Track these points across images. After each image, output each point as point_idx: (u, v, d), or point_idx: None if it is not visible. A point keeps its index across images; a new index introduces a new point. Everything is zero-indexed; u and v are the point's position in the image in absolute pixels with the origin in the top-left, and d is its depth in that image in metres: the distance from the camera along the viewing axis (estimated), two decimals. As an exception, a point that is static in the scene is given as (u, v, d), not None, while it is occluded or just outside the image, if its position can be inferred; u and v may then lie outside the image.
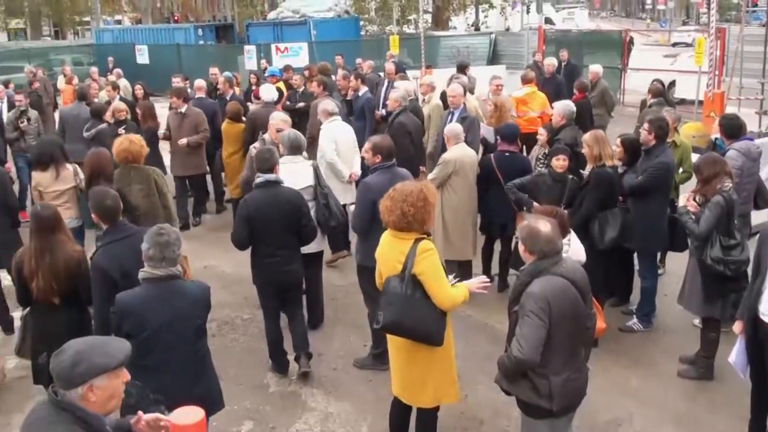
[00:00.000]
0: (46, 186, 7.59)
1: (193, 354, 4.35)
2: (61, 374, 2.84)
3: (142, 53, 28.59)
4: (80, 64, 28.08)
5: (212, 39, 32.11)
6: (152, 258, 4.21)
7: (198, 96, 11.35)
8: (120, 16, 58.05)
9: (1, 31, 51.72)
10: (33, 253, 5.20)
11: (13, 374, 6.95)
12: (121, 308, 4.25)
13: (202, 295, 4.39)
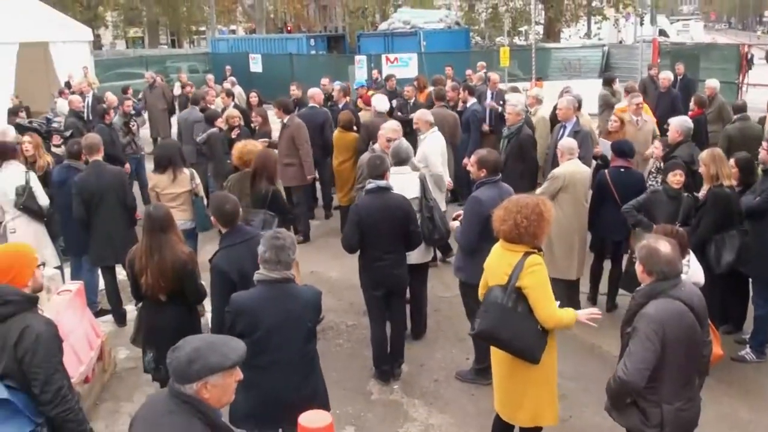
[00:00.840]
0: (163, 188, 7.88)
1: (303, 356, 4.45)
2: (177, 369, 2.94)
3: (256, 62, 29.38)
4: (195, 72, 29.09)
5: (323, 49, 32.69)
6: (268, 261, 4.33)
7: (312, 105, 11.50)
8: (234, 26, 59.89)
9: (121, 39, 54.19)
10: (143, 251, 5.39)
11: (123, 365, 7.26)
12: (235, 308, 4.39)
13: (313, 299, 4.49)
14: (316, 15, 57.56)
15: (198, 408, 2.93)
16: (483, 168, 6.28)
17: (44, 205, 7.97)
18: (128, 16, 49.77)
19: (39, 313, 3.96)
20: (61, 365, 3.86)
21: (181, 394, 2.94)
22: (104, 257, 7.83)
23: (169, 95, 17.74)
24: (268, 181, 7.21)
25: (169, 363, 2.96)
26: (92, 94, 15.57)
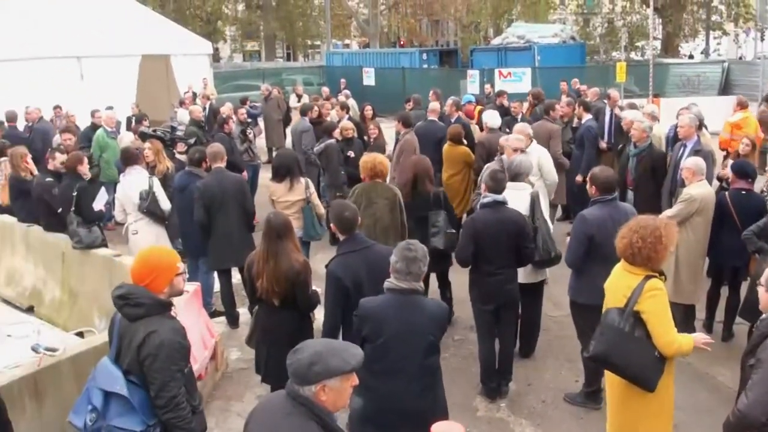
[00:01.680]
0: (279, 196, 8.09)
1: (423, 367, 4.47)
2: (298, 371, 2.99)
3: (369, 75, 29.79)
4: (310, 84, 29.74)
5: (436, 63, 32.81)
6: (399, 271, 4.41)
7: (430, 119, 11.55)
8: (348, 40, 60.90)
9: (238, 53, 55.97)
10: (261, 256, 5.52)
11: (234, 365, 7.47)
12: (362, 312, 4.52)
13: (439, 314, 4.55)
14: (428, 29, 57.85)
15: (314, 410, 2.99)
16: (593, 185, 6.14)
17: (165, 209, 8.31)
18: (246, 31, 51.36)
19: (171, 318, 4.07)
20: (180, 374, 3.95)
21: (299, 396, 3.00)
22: (222, 260, 8.09)
23: (284, 106, 18.22)
24: (430, 183, 7.67)
25: (290, 364, 3.02)
26: (210, 105, 16.17)
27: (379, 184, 7.53)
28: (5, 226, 9.71)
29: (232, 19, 49.05)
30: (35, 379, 5.50)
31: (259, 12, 47.18)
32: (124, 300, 3.99)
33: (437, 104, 12.16)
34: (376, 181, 7.52)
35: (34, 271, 9.18)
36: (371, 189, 7.50)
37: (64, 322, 8.30)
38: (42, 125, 13.41)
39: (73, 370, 5.75)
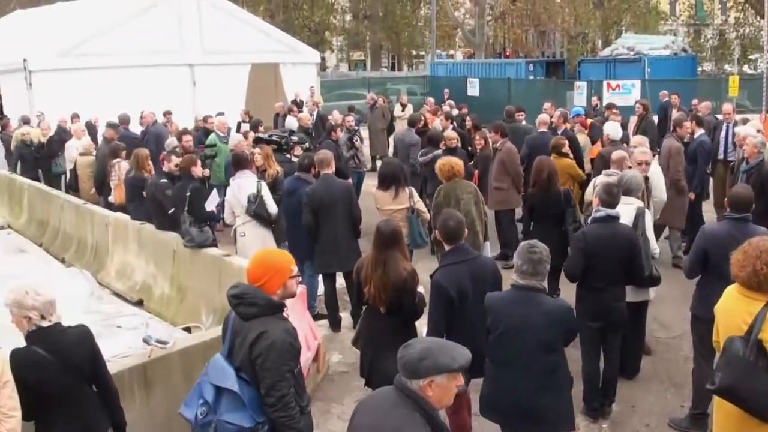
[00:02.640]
0: (383, 204, 8.15)
1: (541, 364, 4.61)
2: (408, 364, 3.08)
3: (473, 86, 29.69)
4: (414, 94, 29.89)
5: (542, 74, 32.43)
6: (525, 272, 4.67)
7: (540, 130, 11.41)
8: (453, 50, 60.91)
9: (344, 62, 56.83)
10: (370, 262, 5.56)
11: (336, 368, 7.55)
12: (487, 303, 4.86)
13: (558, 313, 4.69)
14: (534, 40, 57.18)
15: (420, 404, 3.06)
16: (729, 203, 5.95)
17: (272, 213, 8.50)
18: (353, 41, 52.17)
19: (283, 319, 4.13)
20: (290, 374, 4.00)
21: (406, 388, 3.09)
22: (328, 265, 8.21)
23: (388, 116, 18.37)
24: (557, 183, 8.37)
25: (401, 357, 3.11)
26: (317, 113, 16.48)
27: (459, 181, 8.22)
28: (119, 224, 10.16)
29: (339, 30, 49.92)
30: (145, 369, 5.72)
31: (366, 22, 47.84)
32: (239, 299, 4.08)
33: (546, 116, 12.00)
34: (455, 180, 8.17)
35: (145, 267, 9.57)
36: (455, 186, 8.18)
37: (171, 316, 8.61)
38: (156, 129, 13.98)
39: (182, 364, 5.95)
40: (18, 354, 4.16)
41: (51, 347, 4.17)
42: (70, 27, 20.16)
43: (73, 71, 17.39)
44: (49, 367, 4.15)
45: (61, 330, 4.30)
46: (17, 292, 4.17)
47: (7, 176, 14.99)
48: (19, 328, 4.25)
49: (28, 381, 4.09)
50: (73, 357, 4.27)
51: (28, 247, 12.12)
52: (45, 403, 4.21)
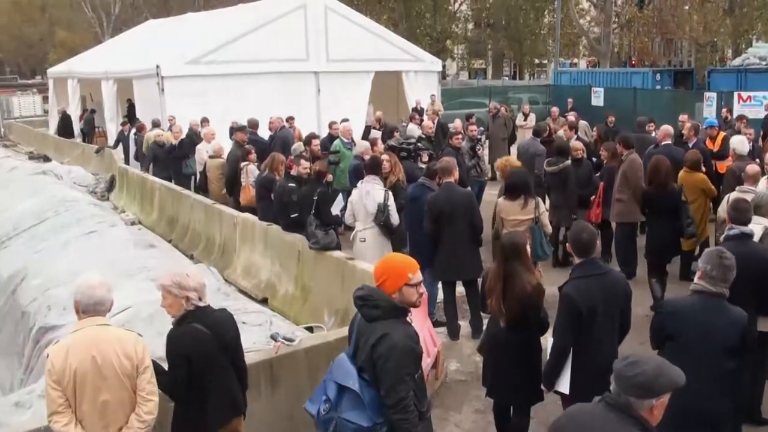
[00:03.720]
0: (508, 213, 8.10)
1: (722, 370, 4.58)
2: (645, 383, 3.04)
3: (598, 95, 28.98)
4: (536, 103, 29.46)
5: (669, 84, 31.32)
6: (714, 278, 4.67)
7: (664, 143, 11.09)
8: (576, 59, 59.84)
9: (464, 70, 56.77)
10: (493, 275, 5.56)
11: (454, 376, 7.55)
12: (668, 309, 4.91)
13: (740, 320, 4.65)
14: (660, 49, 55.38)
15: (645, 426, 3.04)
16: None
17: (394, 223, 8.60)
18: (475, 49, 52.10)
19: (406, 323, 4.17)
20: (410, 377, 4.03)
21: (629, 408, 3.05)
22: (447, 272, 8.24)
23: (510, 125, 18.21)
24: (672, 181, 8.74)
25: (631, 377, 3.05)
26: (437, 121, 16.54)
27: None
28: (247, 224, 10.53)
29: (461, 38, 49.95)
30: (272, 365, 5.92)
31: (489, 30, 47.66)
32: (363, 301, 4.16)
33: (669, 127, 11.58)
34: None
35: (270, 267, 9.88)
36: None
37: (294, 315, 8.85)
38: (282, 133, 14.41)
39: (307, 362, 6.13)
40: (180, 330, 4.51)
41: (208, 324, 4.51)
42: (200, 36, 21.07)
43: (202, 78, 18.25)
44: (209, 342, 4.49)
45: (213, 311, 4.65)
46: (178, 274, 4.51)
47: (139, 175, 15.81)
48: (172, 310, 4.56)
49: (191, 355, 4.43)
50: (225, 335, 4.61)
51: (157, 243, 12.69)
52: (202, 378, 4.50)
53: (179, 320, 4.55)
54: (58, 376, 4.08)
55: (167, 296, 4.51)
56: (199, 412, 4.55)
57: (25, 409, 6.68)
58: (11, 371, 10.07)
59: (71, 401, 4.12)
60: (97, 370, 4.10)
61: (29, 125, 32.39)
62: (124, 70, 21.04)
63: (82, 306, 4.24)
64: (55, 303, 9.73)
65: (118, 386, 4.16)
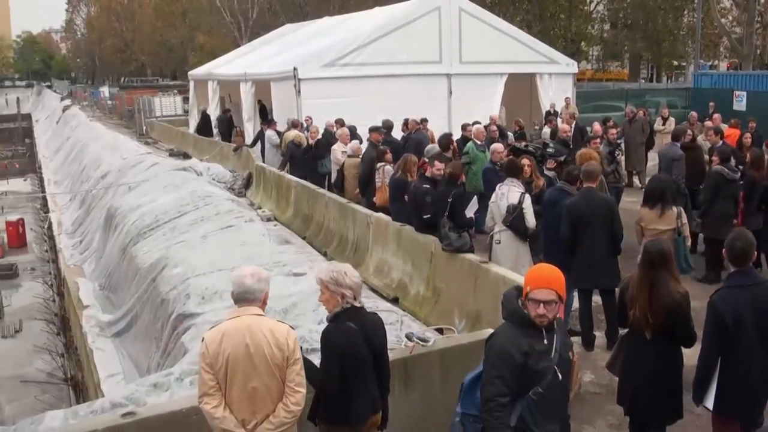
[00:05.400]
0: (648, 222, 7.85)
1: None
2: None
3: (740, 100, 27.59)
4: (674, 107, 28.38)
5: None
6: None
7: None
8: (716, 61, 57.24)
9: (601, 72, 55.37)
10: (637, 284, 5.34)
11: (588, 388, 7.35)
12: None
13: None
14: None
15: None
16: None
17: (530, 226, 8.47)
18: (611, 51, 50.75)
19: (518, 330, 4.12)
20: (500, 381, 4.01)
21: None
22: (583, 280, 8.04)
23: (647, 129, 17.61)
24: None
25: None
26: (575, 124, 16.17)
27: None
28: (380, 223, 10.63)
29: (596, 39, 48.75)
30: (406, 365, 5.96)
31: (626, 31, 46.28)
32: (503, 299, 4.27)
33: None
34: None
35: (402, 267, 9.93)
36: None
37: (425, 316, 8.86)
38: (417, 135, 14.47)
39: (440, 364, 6.13)
40: (336, 327, 4.65)
41: (360, 325, 4.63)
42: (335, 39, 21.49)
43: (337, 80, 18.71)
44: (360, 341, 4.61)
45: (365, 313, 4.78)
46: (336, 271, 4.65)
47: (276, 173, 16.28)
48: (329, 305, 4.70)
49: (344, 351, 4.56)
50: (374, 338, 4.72)
51: (292, 239, 13.01)
52: (347, 377, 4.61)
53: (334, 317, 4.68)
54: (211, 360, 4.26)
55: (325, 291, 4.66)
56: (341, 409, 4.64)
57: (162, 391, 7.02)
58: (149, 354, 10.61)
59: (221, 385, 4.29)
60: (249, 357, 4.25)
61: (170, 124, 33.97)
62: (262, 72, 21.76)
63: (237, 296, 4.43)
64: (193, 292, 10.18)
65: (267, 375, 4.29)
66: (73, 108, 56.63)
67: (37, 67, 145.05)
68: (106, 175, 23.15)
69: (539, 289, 4.05)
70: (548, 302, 4.04)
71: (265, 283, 4.46)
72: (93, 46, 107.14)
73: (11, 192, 58.38)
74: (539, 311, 4.03)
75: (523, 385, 4.04)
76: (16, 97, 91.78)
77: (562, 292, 4.10)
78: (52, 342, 23.73)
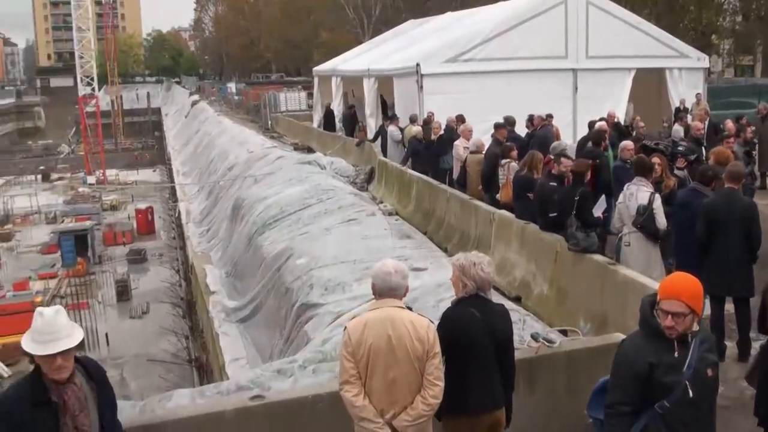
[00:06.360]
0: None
1: None
2: None
3: None
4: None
5: None
6: None
7: None
8: None
9: (730, 67, 52.84)
10: None
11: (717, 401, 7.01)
12: None
13: None
14: None
15: None
16: None
17: (661, 227, 8.18)
18: (742, 44, 48.32)
19: (644, 337, 4.02)
20: (619, 387, 3.97)
21: None
22: (716, 286, 7.61)
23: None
24: None
25: None
26: (708, 121, 15.49)
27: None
28: (503, 221, 10.53)
29: (728, 32, 46.52)
30: (531, 365, 5.89)
31: (759, 24, 43.95)
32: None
33: None
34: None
35: (525, 265, 9.81)
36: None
37: (549, 317, 8.72)
38: (542, 131, 14.22)
39: (567, 365, 6.04)
40: (452, 310, 4.75)
41: (481, 311, 4.65)
42: (458, 34, 21.41)
43: (460, 75, 18.66)
44: (479, 327, 4.62)
45: (492, 303, 4.80)
46: (467, 259, 4.74)
47: (398, 168, 16.41)
48: (455, 288, 4.80)
49: (458, 335, 4.60)
50: (497, 328, 4.71)
51: (413, 234, 13.11)
52: (466, 363, 4.64)
53: (456, 302, 4.77)
54: (353, 349, 4.36)
55: (455, 273, 4.76)
56: (458, 398, 4.63)
57: (285, 377, 7.22)
58: (272, 341, 10.93)
59: (362, 374, 4.37)
60: (390, 348, 4.32)
61: (294, 119, 34.81)
62: (385, 68, 21.96)
63: (378, 289, 4.50)
64: (316, 283, 10.42)
65: (408, 366, 4.34)
66: (201, 103, 59.04)
67: (166, 64, 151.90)
68: (233, 167, 24.03)
69: (668, 299, 3.89)
70: (677, 314, 3.86)
71: (407, 278, 4.54)
72: (220, 43, 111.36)
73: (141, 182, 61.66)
74: (667, 323, 3.88)
75: (648, 396, 3.91)
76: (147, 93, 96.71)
77: (694, 304, 3.87)
78: (178, 324, 24.96)
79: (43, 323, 3.73)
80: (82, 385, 3.89)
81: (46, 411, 3.74)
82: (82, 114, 68.72)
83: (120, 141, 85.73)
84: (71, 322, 3.83)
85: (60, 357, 3.70)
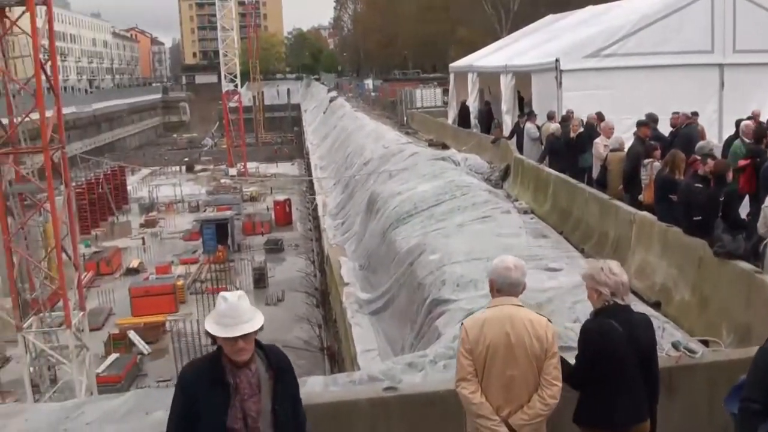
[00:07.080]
0: None
1: None
2: None
3: None
4: None
5: None
6: None
7: None
8: None
9: None
10: None
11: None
12: None
13: None
14: None
15: None
16: None
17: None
18: None
19: None
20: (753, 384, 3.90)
21: None
22: None
23: None
24: None
25: None
26: None
27: None
28: (644, 223, 10.17)
29: None
30: (670, 374, 5.65)
31: None
32: None
33: None
34: None
35: (666, 270, 9.43)
36: None
37: (689, 325, 8.35)
38: (687, 130, 13.64)
39: (706, 377, 5.80)
40: (592, 323, 4.61)
41: (621, 322, 4.51)
42: (599, 28, 20.84)
43: (600, 71, 18.20)
44: (622, 340, 4.48)
45: (632, 312, 4.66)
46: (594, 267, 4.63)
47: (534, 166, 16.17)
48: (591, 300, 4.69)
49: (600, 349, 4.49)
50: (640, 338, 4.57)
51: (549, 233, 12.87)
52: (609, 375, 4.52)
53: (595, 313, 4.64)
54: (471, 346, 4.36)
55: (587, 285, 4.65)
56: (604, 409, 4.55)
57: (416, 371, 7.28)
58: (403, 334, 11.04)
59: (479, 372, 4.36)
60: (509, 346, 4.30)
61: (429, 115, 34.95)
62: (522, 64, 21.68)
63: (497, 285, 4.48)
64: (449, 279, 10.44)
65: (526, 365, 4.31)
66: (339, 99, 60.30)
67: (306, 61, 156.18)
68: (368, 162, 24.42)
69: None
70: None
71: (525, 275, 4.51)
72: (358, 41, 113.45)
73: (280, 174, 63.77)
74: None
75: None
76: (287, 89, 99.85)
77: None
78: (312, 313, 25.74)
79: (227, 307, 3.84)
80: (257, 371, 3.95)
81: (220, 389, 3.86)
82: (225, 109, 72.01)
83: (261, 135, 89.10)
84: (253, 307, 3.94)
85: (241, 340, 3.81)
